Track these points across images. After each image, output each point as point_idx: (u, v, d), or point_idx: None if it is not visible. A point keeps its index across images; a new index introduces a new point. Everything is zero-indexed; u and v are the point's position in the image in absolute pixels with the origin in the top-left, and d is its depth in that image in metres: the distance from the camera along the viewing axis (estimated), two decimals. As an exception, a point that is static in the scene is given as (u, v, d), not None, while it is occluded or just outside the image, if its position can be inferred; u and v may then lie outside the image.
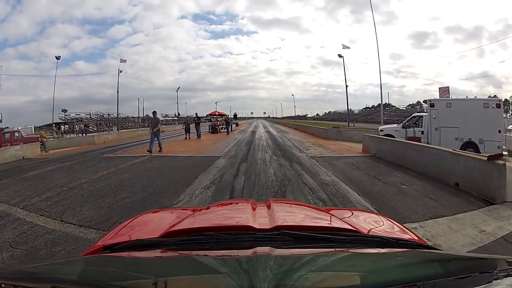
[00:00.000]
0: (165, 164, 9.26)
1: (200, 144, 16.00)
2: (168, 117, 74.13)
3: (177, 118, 63.69)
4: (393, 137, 12.55)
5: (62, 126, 32.56)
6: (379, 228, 1.31)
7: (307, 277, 0.73)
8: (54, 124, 34.56)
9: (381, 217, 1.51)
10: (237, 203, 1.96)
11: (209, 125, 28.88)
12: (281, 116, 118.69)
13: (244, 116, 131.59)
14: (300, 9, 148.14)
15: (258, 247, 0.88)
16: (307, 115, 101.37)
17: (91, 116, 49.10)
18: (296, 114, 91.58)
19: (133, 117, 57.34)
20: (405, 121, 13.76)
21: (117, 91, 36.53)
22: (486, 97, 23.95)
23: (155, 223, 1.37)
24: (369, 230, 1.21)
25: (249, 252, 0.85)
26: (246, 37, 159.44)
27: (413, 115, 14.23)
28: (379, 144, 10.56)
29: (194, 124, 20.78)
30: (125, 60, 40.18)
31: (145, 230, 1.28)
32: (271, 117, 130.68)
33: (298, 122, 47.38)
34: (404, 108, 56.76)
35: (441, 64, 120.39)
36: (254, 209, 1.38)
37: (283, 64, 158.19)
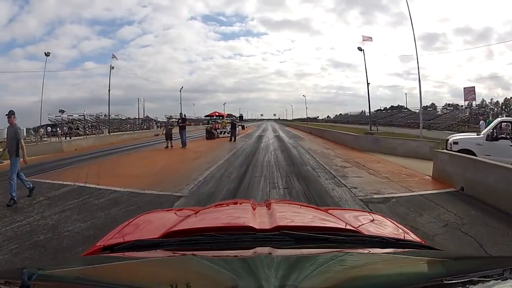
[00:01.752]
0: (49, 222, 4.36)
1: (175, 160, 11.08)
2: (172, 119, 71.02)
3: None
4: (473, 153, 8.11)
5: (42, 129, 28.28)
6: (379, 228, 1.26)
7: (307, 278, 0.70)
8: (32, 128, 30.60)
9: (381, 217, 1.48)
10: (237, 203, 1.89)
11: (205, 129, 24.41)
12: (291, 118, 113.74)
13: (254, 118, 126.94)
14: (310, 11, 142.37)
15: (258, 248, 0.86)
16: (318, 117, 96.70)
17: (85, 117, 45.32)
18: (307, 116, 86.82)
19: (134, 118, 53.85)
20: (488, 129, 9.10)
21: (109, 90, 33.02)
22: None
23: (155, 223, 1.34)
24: (369, 230, 1.17)
25: (249, 252, 0.84)
26: (256, 38, 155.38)
27: (499, 120, 9.44)
28: (475, 172, 5.88)
29: (179, 128, 15.57)
30: (116, 58, 36.81)
31: (145, 231, 1.25)
32: (281, 119, 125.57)
33: (311, 125, 42.30)
34: (418, 111, 51.62)
35: (451, 66, 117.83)
36: (254, 209, 1.35)
37: (294, 66, 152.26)
